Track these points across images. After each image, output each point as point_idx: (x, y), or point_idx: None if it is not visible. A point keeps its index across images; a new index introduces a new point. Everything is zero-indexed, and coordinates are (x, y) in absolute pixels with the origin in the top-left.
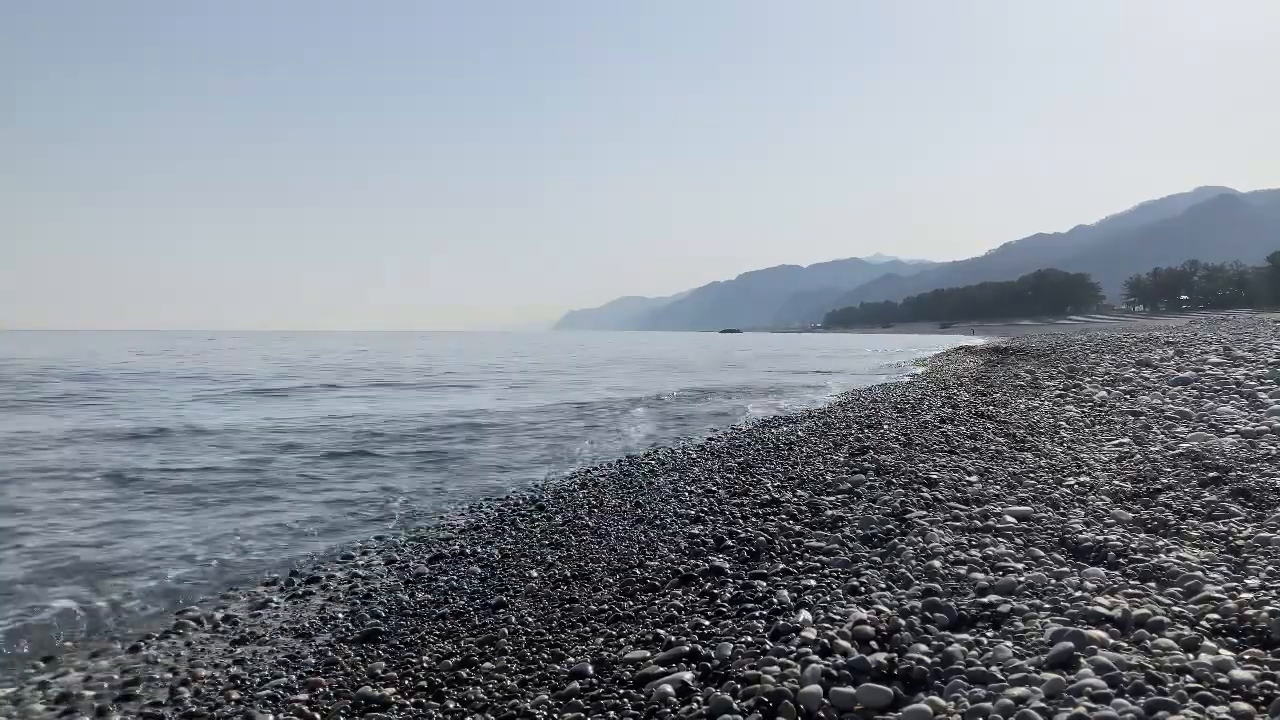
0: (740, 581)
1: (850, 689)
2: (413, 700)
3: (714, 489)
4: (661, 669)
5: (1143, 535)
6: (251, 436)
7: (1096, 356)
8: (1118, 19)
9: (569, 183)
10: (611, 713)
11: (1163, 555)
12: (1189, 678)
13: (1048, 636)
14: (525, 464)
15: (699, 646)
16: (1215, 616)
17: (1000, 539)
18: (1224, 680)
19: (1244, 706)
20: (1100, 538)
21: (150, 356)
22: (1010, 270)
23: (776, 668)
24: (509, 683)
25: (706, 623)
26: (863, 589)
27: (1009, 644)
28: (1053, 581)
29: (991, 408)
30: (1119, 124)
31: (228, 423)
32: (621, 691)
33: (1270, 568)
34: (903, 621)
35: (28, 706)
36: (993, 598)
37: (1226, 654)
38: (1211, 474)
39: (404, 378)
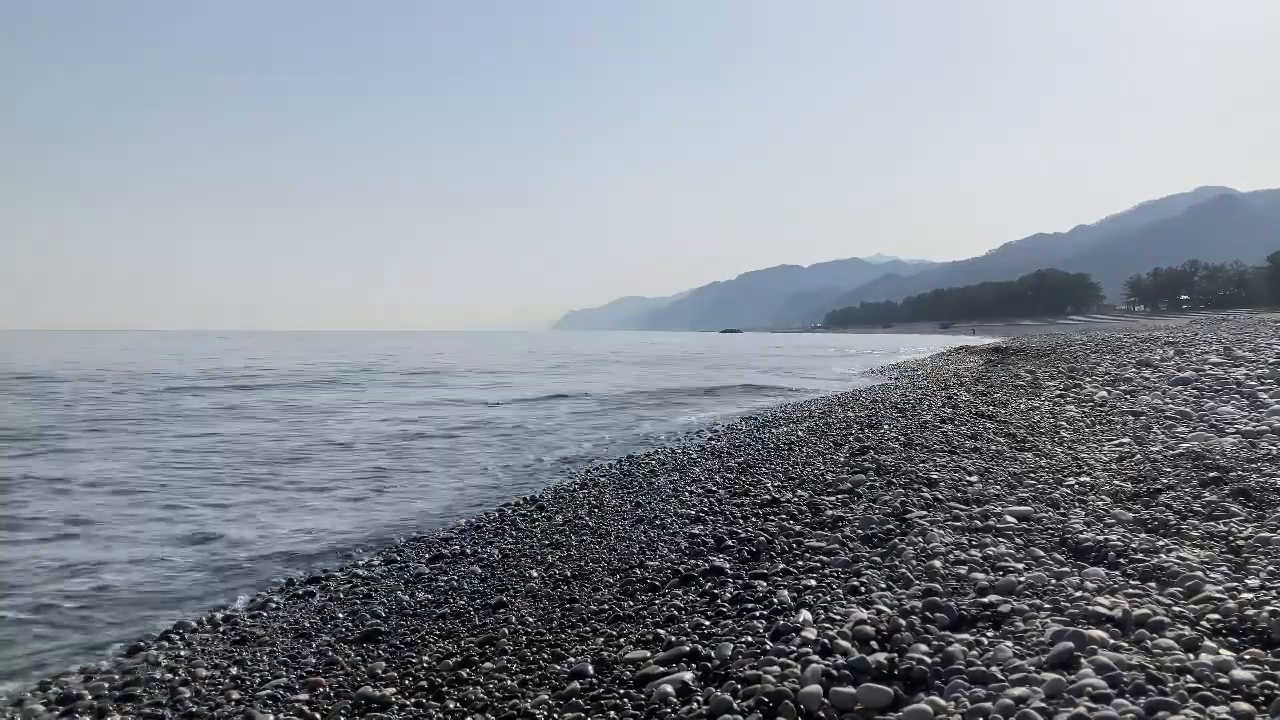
0: (740, 581)
1: (850, 689)
2: (413, 700)
3: (714, 489)
4: (662, 669)
5: (1143, 535)
6: (267, 436)
7: (1097, 356)
8: (1118, 19)
9: (569, 183)
10: (612, 713)
11: (1163, 555)
12: (1189, 678)
13: (1048, 636)
14: (522, 462)
15: (699, 646)
16: (1215, 616)
17: (1000, 539)
18: (1224, 680)
19: (1244, 706)
20: (1100, 538)
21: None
22: (1010, 270)
23: (777, 668)
24: (509, 683)
25: (707, 623)
26: (863, 589)
27: (1009, 644)
28: (1053, 581)
29: (992, 408)
30: (1119, 124)
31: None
32: (622, 691)
33: (1270, 568)
34: (903, 621)
35: (28, 706)
36: (993, 598)
37: (1227, 654)
38: (1212, 474)
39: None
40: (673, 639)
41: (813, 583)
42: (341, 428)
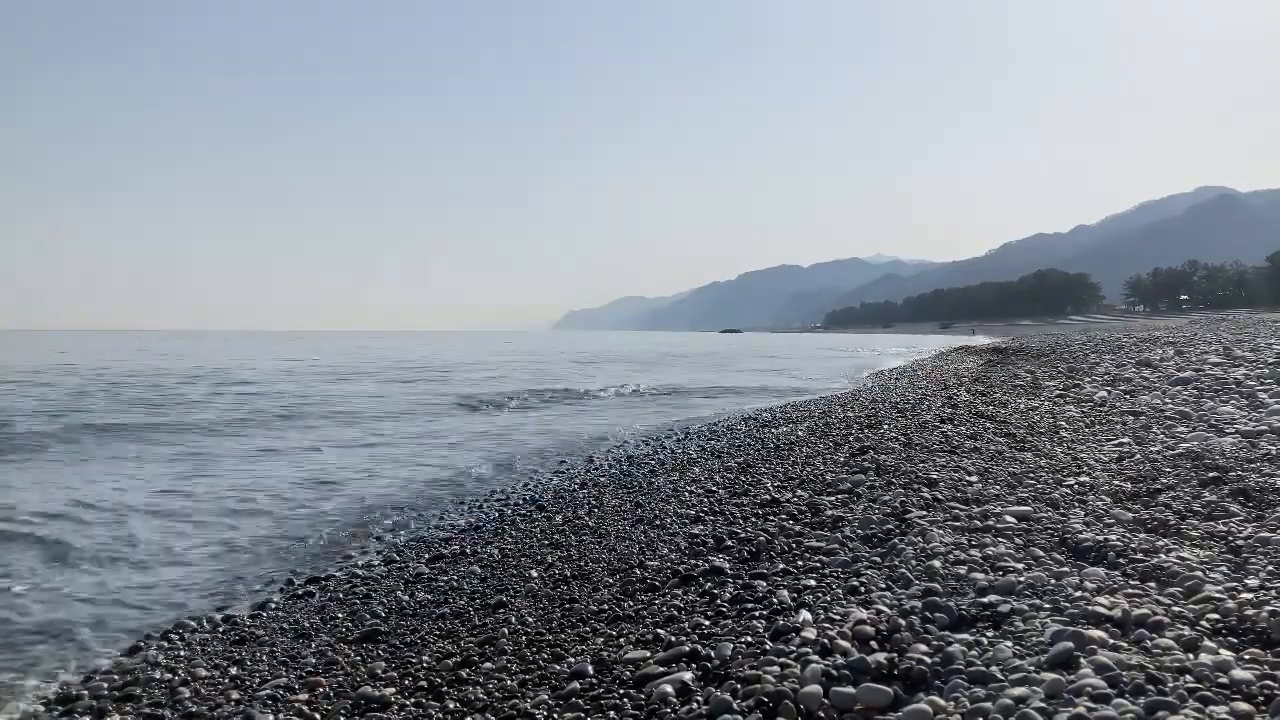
0: (740, 581)
1: (850, 689)
2: (413, 700)
3: (714, 489)
4: (661, 669)
5: (1143, 535)
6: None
7: (1096, 356)
8: (1118, 19)
9: (569, 183)
10: (611, 713)
11: (1163, 555)
12: (1189, 678)
13: (1048, 636)
14: (522, 463)
15: (699, 646)
16: (1215, 616)
17: (1000, 539)
18: (1224, 680)
19: (1244, 706)
20: (1100, 538)
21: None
22: (1010, 270)
23: (776, 668)
24: (509, 683)
25: (706, 623)
26: (863, 589)
27: (1009, 644)
28: (1053, 581)
29: (991, 408)
30: (1119, 124)
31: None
32: (621, 691)
33: (1270, 568)
34: (903, 621)
35: (28, 707)
36: (993, 598)
37: (1226, 654)
38: (1211, 474)
39: None
40: (672, 639)
41: (812, 583)
42: (342, 426)
